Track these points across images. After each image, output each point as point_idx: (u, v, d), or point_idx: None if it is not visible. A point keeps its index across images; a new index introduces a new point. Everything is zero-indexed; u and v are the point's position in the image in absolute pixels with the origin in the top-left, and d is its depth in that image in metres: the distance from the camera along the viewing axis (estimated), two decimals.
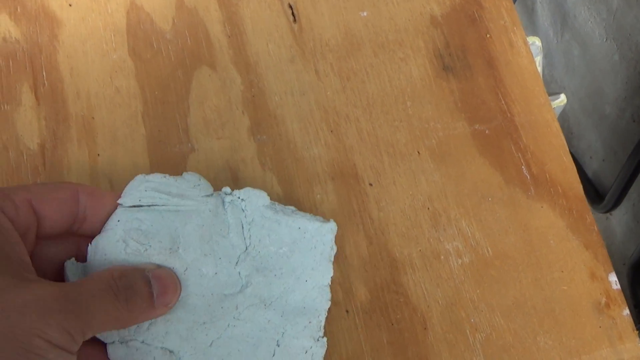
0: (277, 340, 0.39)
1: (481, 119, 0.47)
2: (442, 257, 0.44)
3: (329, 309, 0.40)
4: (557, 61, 1.23)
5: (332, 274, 0.40)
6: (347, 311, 0.42)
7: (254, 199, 0.41)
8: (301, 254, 0.40)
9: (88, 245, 0.38)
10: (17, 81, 0.46)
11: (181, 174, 0.40)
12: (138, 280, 0.35)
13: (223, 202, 0.40)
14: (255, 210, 0.40)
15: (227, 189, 0.41)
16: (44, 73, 0.47)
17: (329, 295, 0.40)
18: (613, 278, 0.43)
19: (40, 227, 0.36)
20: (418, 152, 0.46)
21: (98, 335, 0.37)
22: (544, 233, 0.44)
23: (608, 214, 1.18)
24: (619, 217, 1.15)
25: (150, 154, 0.45)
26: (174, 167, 0.45)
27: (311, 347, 0.39)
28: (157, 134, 0.46)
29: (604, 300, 0.43)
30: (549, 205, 0.45)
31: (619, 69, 1.05)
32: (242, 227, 0.40)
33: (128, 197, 0.38)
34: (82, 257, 0.38)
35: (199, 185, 0.40)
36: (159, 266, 0.37)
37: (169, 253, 0.38)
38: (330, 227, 0.41)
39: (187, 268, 0.38)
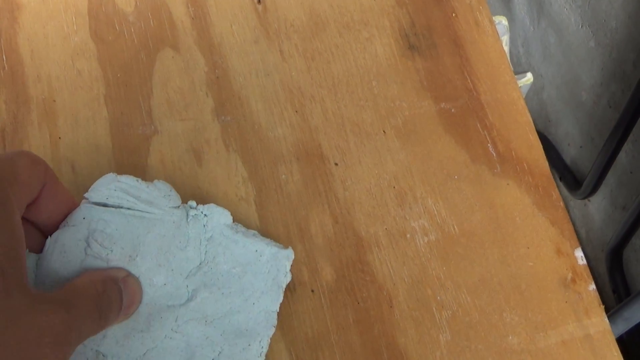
0: (213, 359, 0.38)
1: (447, 97, 0.47)
2: (409, 235, 0.43)
3: (274, 331, 0.39)
4: (534, 49, 1.24)
5: (281, 301, 0.40)
6: (312, 291, 0.42)
7: (216, 216, 0.40)
8: (253, 276, 0.40)
9: (48, 237, 0.36)
10: None
11: (151, 180, 0.39)
12: (115, 294, 0.34)
13: (187, 215, 0.40)
14: (216, 227, 0.40)
15: (193, 203, 0.40)
16: (4, 56, 0.46)
17: (274, 322, 0.39)
18: (579, 253, 0.43)
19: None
20: (384, 132, 0.46)
21: None
22: (510, 210, 0.44)
23: (586, 200, 1.19)
24: (597, 203, 1.16)
25: (113, 136, 0.44)
26: (137, 149, 0.44)
27: None
28: (119, 116, 0.45)
29: (570, 275, 0.43)
30: (515, 182, 0.45)
31: (595, 55, 1.05)
32: (200, 242, 0.40)
33: (96, 192, 0.37)
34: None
35: (169, 195, 0.39)
36: (127, 273, 0.37)
37: (128, 261, 0.37)
38: (287, 254, 0.40)
39: (139, 276, 0.37)
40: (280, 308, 0.40)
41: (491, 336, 0.41)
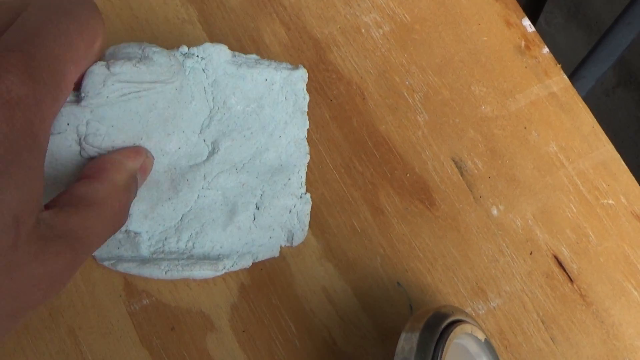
0: (256, 203, 0.36)
1: None
2: (363, 30, 0.42)
3: (309, 158, 0.37)
4: None
5: (307, 126, 0.37)
6: None
7: (214, 56, 0.35)
8: (271, 109, 0.36)
9: None
10: None
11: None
12: (133, 187, 0.30)
13: (184, 68, 0.34)
14: (217, 68, 0.35)
15: (184, 48, 0.34)
16: None
17: (307, 149, 0.37)
18: (526, 22, 0.44)
19: None
20: None
21: None
22: None
23: None
24: None
25: None
26: None
27: (295, 206, 0.36)
28: None
29: (523, 43, 0.43)
30: None
31: None
32: (205, 91, 0.35)
33: (95, 98, 0.30)
34: None
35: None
36: (142, 155, 0.31)
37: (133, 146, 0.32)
38: (301, 75, 0.36)
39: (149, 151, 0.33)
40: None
41: (465, 109, 0.41)
